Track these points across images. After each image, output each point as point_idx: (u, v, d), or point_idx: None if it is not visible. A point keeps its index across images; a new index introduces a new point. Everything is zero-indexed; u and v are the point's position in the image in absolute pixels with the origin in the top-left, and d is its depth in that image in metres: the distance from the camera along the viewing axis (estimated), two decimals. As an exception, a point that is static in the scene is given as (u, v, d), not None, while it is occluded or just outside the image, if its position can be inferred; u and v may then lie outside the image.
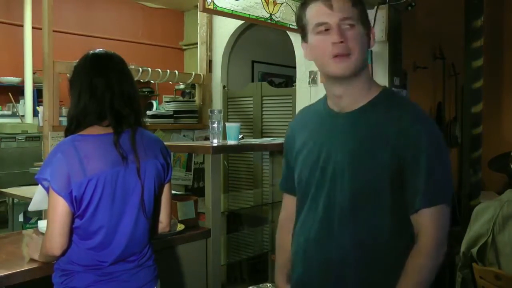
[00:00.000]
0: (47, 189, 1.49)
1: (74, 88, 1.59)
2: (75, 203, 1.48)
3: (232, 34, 4.10)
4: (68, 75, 1.65)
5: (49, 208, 1.48)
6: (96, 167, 1.49)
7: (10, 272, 1.65)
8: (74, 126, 1.56)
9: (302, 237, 1.35)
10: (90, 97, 1.55)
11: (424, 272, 1.21)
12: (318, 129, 1.36)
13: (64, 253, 1.52)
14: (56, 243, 1.48)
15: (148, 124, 3.51)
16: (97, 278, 1.53)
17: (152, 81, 4.83)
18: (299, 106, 3.64)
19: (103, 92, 1.56)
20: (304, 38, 1.33)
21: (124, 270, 1.58)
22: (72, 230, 1.51)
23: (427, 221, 1.21)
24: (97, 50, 1.66)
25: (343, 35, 1.22)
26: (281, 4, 3.06)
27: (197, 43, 4.23)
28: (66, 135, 1.57)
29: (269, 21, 3.01)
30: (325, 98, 1.40)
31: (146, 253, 1.66)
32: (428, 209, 1.20)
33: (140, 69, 3.44)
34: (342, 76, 1.25)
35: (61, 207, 1.46)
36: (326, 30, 1.23)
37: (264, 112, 3.92)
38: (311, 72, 3.57)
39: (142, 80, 3.67)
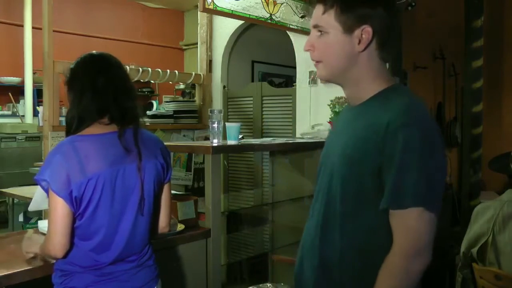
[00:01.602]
0: (46, 190, 1.49)
1: (74, 89, 1.60)
2: (75, 203, 1.48)
3: (232, 34, 4.10)
4: (65, 76, 1.65)
5: (50, 210, 1.48)
6: (96, 167, 1.49)
7: (10, 272, 1.65)
8: (75, 125, 1.56)
9: (305, 235, 1.33)
10: (93, 95, 1.56)
11: (392, 281, 1.10)
12: (335, 125, 1.38)
13: (66, 254, 1.51)
14: (59, 245, 1.48)
15: (148, 124, 3.54)
16: (97, 278, 1.53)
17: (152, 81, 4.83)
18: (299, 106, 3.64)
19: (106, 88, 1.57)
20: None
21: (124, 270, 1.58)
22: (73, 231, 1.51)
23: (395, 225, 1.11)
24: (94, 51, 1.67)
25: (311, 43, 1.23)
26: (281, 4, 3.07)
27: (197, 43, 4.24)
28: (67, 135, 1.57)
29: (269, 21, 3.01)
30: None
31: (146, 253, 1.66)
32: (398, 211, 1.10)
33: (140, 69, 3.44)
34: (322, 79, 1.29)
35: (61, 208, 1.46)
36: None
37: (264, 112, 3.93)
38: (311, 72, 3.57)
39: (142, 80, 3.67)
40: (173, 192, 1.86)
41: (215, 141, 2.40)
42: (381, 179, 1.12)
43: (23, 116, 5.55)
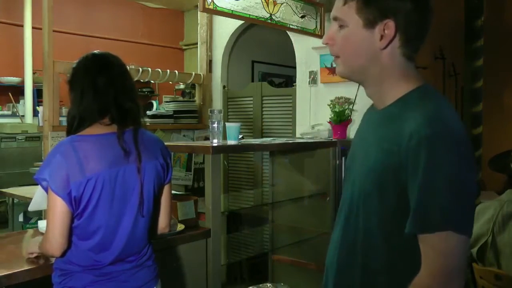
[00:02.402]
0: (46, 189, 1.49)
1: (75, 89, 1.60)
2: (74, 203, 1.48)
3: (232, 34, 4.10)
4: (67, 75, 1.65)
5: (48, 209, 1.49)
6: (95, 167, 1.49)
7: (10, 272, 1.65)
8: (76, 125, 1.56)
9: (329, 248, 1.27)
10: (94, 95, 1.56)
11: None
12: (360, 126, 1.29)
13: (64, 254, 1.52)
14: (56, 244, 1.48)
15: (148, 124, 3.54)
16: (95, 278, 1.53)
17: (152, 81, 4.84)
18: (299, 106, 3.64)
19: (107, 88, 1.57)
20: None
21: (122, 270, 1.58)
22: (71, 231, 1.52)
23: (423, 249, 1.01)
24: (97, 51, 1.68)
25: (330, 36, 1.15)
26: (281, 4, 3.06)
27: (197, 43, 4.24)
28: (68, 135, 1.57)
29: (269, 21, 3.01)
30: None
31: (145, 253, 1.66)
32: (424, 236, 1.00)
33: (140, 69, 3.44)
34: (340, 76, 1.20)
35: (60, 208, 1.46)
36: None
37: (264, 112, 3.93)
38: (311, 72, 3.57)
39: (142, 80, 3.67)
40: (173, 192, 1.86)
41: (215, 141, 2.40)
42: (406, 197, 1.02)
43: (23, 116, 5.55)
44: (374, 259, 1.11)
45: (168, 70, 3.62)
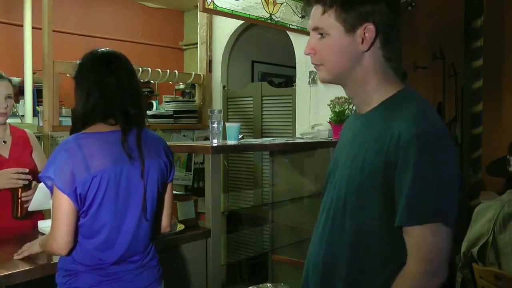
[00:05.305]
0: (50, 188, 1.49)
1: (81, 86, 1.58)
2: (80, 200, 1.48)
3: (232, 34, 4.11)
4: (72, 72, 1.64)
5: (54, 207, 1.48)
6: (100, 164, 1.49)
7: (10, 272, 1.65)
8: (80, 124, 1.56)
9: (311, 248, 1.30)
10: (100, 96, 1.55)
11: None
12: (343, 132, 1.34)
13: (70, 252, 1.51)
14: (63, 242, 1.47)
15: (148, 124, 3.54)
16: (101, 278, 1.53)
17: (152, 81, 4.83)
18: (299, 106, 3.64)
19: (114, 91, 1.56)
20: None
21: (127, 271, 1.58)
22: (77, 229, 1.51)
23: (411, 242, 1.05)
24: (104, 49, 1.65)
25: (312, 46, 1.19)
26: (281, 4, 3.07)
27: (197, 43, 4.24)
28: (71, 134, 1.57)
29: (269, 21, 3.02)
30: None
31: (149, 253, 1.66)
32: (414, 227, 1.04)
33: (140, 69, 3.45)
34: (323, 82, 1.24)
35: (65, 205, 1.46)
36: None
37: (264, 112, 3.93)
38: (311, 72, 3.57)
39: (142, 80, 3.67)
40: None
41: (215, 141, 2.40)
42: (392, 193, 1.07)
43: (23, 116, 5.54)
44: (364, 256, 1.14)
45: (168, 70, 3.62)
